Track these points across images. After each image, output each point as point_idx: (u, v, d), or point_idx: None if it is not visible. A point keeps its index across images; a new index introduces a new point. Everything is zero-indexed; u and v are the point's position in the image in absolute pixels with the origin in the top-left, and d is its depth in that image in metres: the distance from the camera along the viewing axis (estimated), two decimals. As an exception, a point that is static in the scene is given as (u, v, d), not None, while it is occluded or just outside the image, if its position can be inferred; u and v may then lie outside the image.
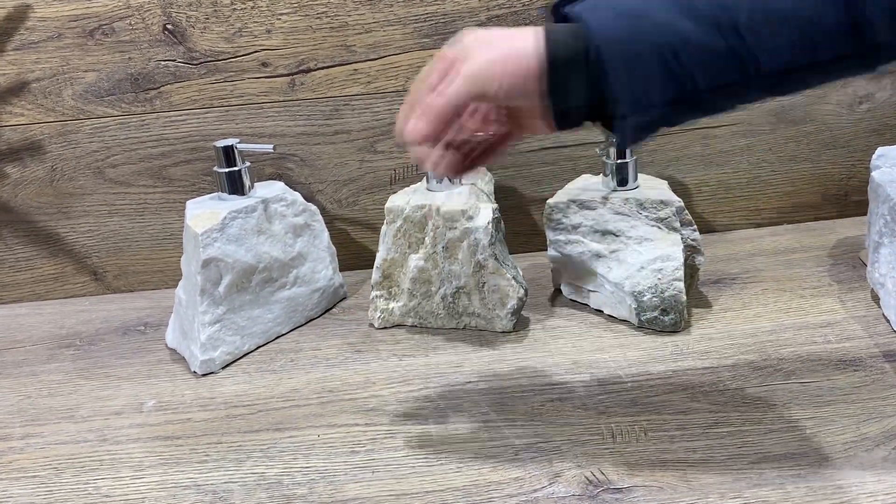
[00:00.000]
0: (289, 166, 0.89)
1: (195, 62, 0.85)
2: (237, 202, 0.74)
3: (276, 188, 0.78)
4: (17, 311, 0.90)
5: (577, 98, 0.49)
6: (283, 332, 0.78)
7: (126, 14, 0.83)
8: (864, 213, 0.78)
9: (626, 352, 0.69)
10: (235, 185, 0.75)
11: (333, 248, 0.83)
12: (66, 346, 0.80)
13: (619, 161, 0.75)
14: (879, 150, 0.77)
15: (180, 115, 0.87)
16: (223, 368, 0.72)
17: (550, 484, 0.54)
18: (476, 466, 0.56)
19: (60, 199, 0.89)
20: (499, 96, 0.48)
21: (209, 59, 0.85)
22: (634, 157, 0.75)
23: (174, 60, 0.85)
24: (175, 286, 0.77)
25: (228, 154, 0.74)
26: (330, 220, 0.90)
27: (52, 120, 0.86)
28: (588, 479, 0.54)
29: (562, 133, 0.59)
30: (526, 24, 0.84)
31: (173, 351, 0.77)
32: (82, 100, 0.86)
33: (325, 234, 0.82)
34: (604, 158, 0.76)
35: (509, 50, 0.48)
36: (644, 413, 0.60)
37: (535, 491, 0.53)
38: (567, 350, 0.71)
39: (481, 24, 0.84)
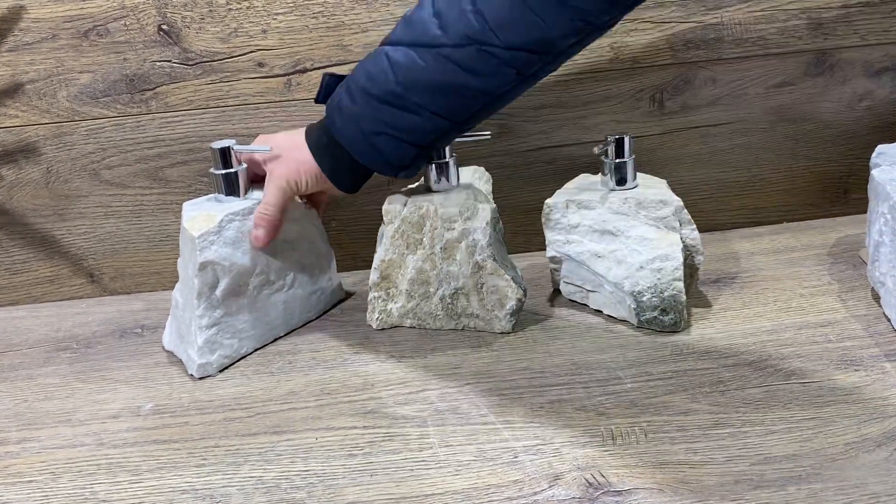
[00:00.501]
0: (286, 167, 0.88)
1: (191, 63, 0.85)
2: (234, 204, 0.74)
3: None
4: (13, 313, 0.90)
5: (352, 178, 0.72)
6: (281, 335, 0.78)
7: (121, 15, 0.83)
8: (865, 212, 0.78)
9: (626, 352, 0.69)
10: (232, 187, 0.75)
11: (331, 249, 0.83)
12: (63, 349, 0.80)
13: (617, 160, 0.74)
14: (879, 148, 0.77)
15: (176, 116, 0.86)
16: (220, 371, 0.72)
17: (550, 486, 0.53)
18: (475, 469, 0.56)
19: (56, 201, 0.89)
20: (307, 190, 0.73)
21: (205, 59, 0.84)
22: (633, 157, 0.75)
23: (169, 61, 0.84)
24: (172, 288, 0.77)
25: (225, 155, 0.74)
26: (327, 220, 0.90)
27: (47, 121, 0.86)
28: (588, 482, 0.53)
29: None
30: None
31: (170, 353, 0.76)
32: (77, 101, 0.85)
33: (323, 236, 0.81)
34: (602, 158, 0.75)
35: (298, 163, 0.71)
36: (644, 414, 0.60)
37: (535, 494, 0.53)
38: (566, 351, 0.70)
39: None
